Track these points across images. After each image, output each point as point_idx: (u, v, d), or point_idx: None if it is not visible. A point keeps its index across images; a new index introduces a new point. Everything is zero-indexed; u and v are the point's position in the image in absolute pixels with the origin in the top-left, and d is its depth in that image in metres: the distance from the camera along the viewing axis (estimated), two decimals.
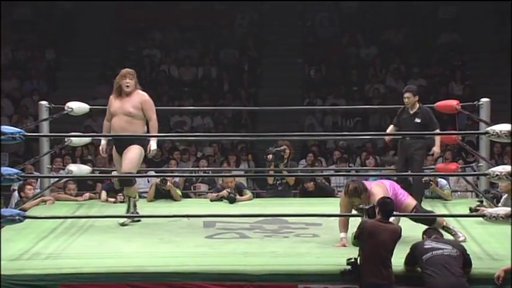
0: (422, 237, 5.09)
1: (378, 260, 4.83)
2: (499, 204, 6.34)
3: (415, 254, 4.91)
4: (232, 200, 7.31)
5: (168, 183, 7.41)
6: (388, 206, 5.03)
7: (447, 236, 5.49)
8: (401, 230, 5.00)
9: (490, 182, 7.14)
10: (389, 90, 12.76)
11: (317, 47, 13.87)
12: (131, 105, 6.17)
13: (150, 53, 13.71)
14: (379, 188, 5.55)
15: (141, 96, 6.23)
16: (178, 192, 7.58)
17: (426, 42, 13.72)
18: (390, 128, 7.25)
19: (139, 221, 6.27)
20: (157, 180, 7.48)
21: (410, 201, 5.65)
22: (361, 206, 5.22)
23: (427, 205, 7.00)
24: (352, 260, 4.90)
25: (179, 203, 7.49)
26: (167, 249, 5.59)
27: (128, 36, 13.97)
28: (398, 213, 5.47)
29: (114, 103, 6.23)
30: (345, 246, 5.53)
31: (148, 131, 6.22)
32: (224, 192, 7.40)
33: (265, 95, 12.97)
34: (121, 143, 6.25)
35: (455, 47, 13.62)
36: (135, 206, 6.35)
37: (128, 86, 6.19)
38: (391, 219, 5.12)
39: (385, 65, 13.26)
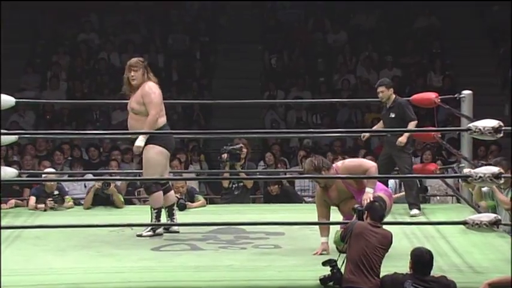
0: (410, 261, 5.00)
1: (366, 265, 4.90)
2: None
3: None
4: (182, 207, 7.30)
5: (111, 187, 7.38)
6: (376, 211, 5.14)
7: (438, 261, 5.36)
8: (392, 236, 5.07)
9: None
10: (360, 82, 12.87)
11: (278, 32, 13.90)
12: (135, 101, 6.21)
13: (87, 38, 13.58)
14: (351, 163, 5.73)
15: (143, 88, 6.18)
16: (121, 198, 7.54)
17: (401, 27, 13.87)
18: (378, 125, 7.42)
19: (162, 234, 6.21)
20: (97, 184, 7.43)
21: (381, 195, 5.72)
22: (355, 206, 5.29)
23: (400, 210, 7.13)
24: (333, 263, 4.93)
25: (121, 210, 7.45)
26: (106, 264, 5.55)
27: (60, 19, 13.80)
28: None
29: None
30: (325, 252, 5.56)
31: (159, 129, 6.15)
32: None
33: (220, 87, 12.96)
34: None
35: (433, 33, 13.80)
36: (157, 217, 6.26)
37: (133, 79, 6.16)
38: None
39: (356, 53, 13.37)
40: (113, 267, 5.46)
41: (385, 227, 5.22)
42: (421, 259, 4.92)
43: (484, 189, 6.35)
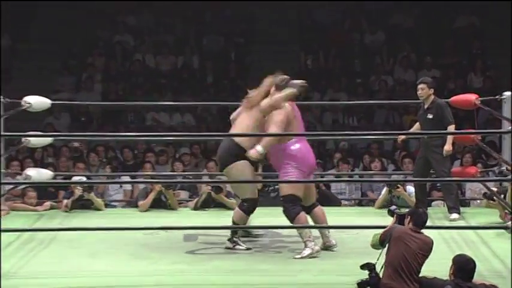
0: (452, 267, 4.95)
1: (406, 271, 4.85)
2: None
3: None
4: (218, 190, 7.39)
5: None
6: (420, 217, 5.07)
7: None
8: (433, 243, 5.00)
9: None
10: (397, 83, 12.78)
11: (315, 33, 13.87)
12: None
13: (122, 39, 13.68)
14: (281, 118, 5.93)
15: None
16: (175, 200, 7.71)
17: (440, 26, 13.75)
18: (415, 127, 7.38)
19: None
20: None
21: (286, 187, 5.81)
22: (391, 208, 5.24)
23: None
24: (371, 267, 4.88)
25: (153, 212, 7.51)
26: (141, 267, 5.59)
27: (96, 20, 13.93)
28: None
29: None
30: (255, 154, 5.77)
31: None
32: (206, 189, 7.47)
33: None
34: None
35: (474, 33, 13.65)
36: None
37: None
38: None
39: (393, 54, 13.27)
40: (146, 271, 5.49)
41: (423, 231, 5.17)
42: (465, 266, 4.84)
43: None
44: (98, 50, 13.47)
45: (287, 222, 6.26)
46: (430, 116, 7.12)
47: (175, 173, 8.85)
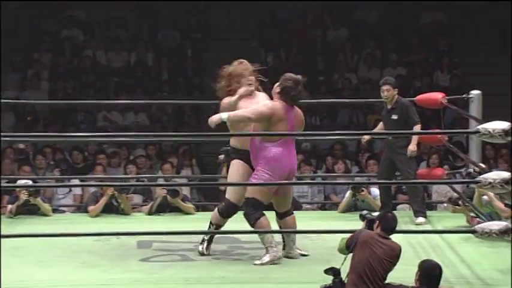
0: (417, 273, 4.98)
1: (370, 277, 4.87)
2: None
3: None
4: (174, 194, 7.36)
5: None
6: (389, 222, 5.09)
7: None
8: (400, 250, 5.01)
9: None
10: (362, 81, 12.89)
11: (275, 29, 13.91)
12: None
13: (71, 34, 13.57)
14: (261, 110, 6.26)
15: None
16: (129, 204, 7.68)
17: (405, 22, 13.90)
18: (379, 126, 7.46)
19: None
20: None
21: (250, 190, 5.85)
22: (363, 213, 5.24)
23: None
24: (336, 272, 4.89)
25: (105, 218, 7.46)
26: (92, 276, 5.55)
27: (42, 14, 13.79)
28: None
29: None
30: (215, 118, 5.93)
31: None
32: (161, 192, 7.44)
33: (213, 86, 12.93)
34: None
35: (440, 29, 13.82)
36: None
37: None
38: None
39: (357, 51, 13.38)
40: (98, 280, 5.46)
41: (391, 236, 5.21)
42: (430, 272, 4.86)
43: (485, 197, 6.38)
44: (44, 45, 13.35)
45: (248, 227, 6.27)
46: (394, 117, 7.18)
47: (128, 176, 8.81)
